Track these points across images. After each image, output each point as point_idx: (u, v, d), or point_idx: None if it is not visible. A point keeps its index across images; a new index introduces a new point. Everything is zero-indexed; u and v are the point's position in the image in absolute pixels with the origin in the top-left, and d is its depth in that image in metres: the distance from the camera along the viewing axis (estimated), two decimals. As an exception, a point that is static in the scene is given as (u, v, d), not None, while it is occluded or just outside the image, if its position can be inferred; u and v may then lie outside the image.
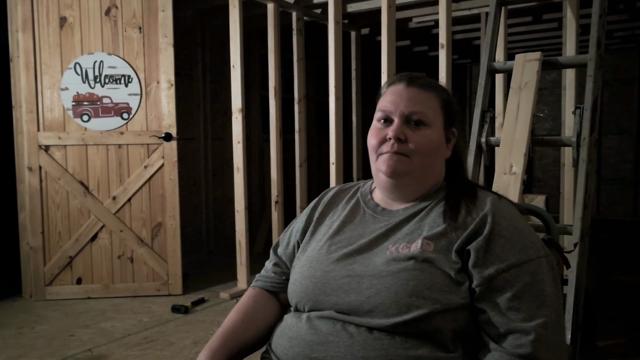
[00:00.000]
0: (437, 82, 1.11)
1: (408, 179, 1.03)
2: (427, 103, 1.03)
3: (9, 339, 2.68)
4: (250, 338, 1.08)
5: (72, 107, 3.27)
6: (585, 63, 1.97)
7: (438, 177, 1.07)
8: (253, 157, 5.01)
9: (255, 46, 4.93)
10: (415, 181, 1.04)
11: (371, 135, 1.05)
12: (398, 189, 1.05)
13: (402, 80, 1.06)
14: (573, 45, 3.13)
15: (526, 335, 0.87)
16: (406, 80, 1.05)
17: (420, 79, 1.06)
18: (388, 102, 1.04)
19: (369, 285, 0.94)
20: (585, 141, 1.88)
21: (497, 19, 2.22)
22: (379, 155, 1.03)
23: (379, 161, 1.03)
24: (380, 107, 1.05)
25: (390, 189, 1.05)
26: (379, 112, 1.05)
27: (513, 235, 0.94)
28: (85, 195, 3.29)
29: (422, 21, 4.53)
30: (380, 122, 1.05)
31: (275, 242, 1.22)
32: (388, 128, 1.02)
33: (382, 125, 1.04)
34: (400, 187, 1.04)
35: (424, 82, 1.06)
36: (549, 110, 6.98)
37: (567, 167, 3.34)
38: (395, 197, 1.06)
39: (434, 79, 1.13)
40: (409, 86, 1.04)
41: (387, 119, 1.04)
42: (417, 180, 1.04)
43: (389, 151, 1.01)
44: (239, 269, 3.47)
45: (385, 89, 1.08)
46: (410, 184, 1.04)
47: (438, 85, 1.09)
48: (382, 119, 1.04)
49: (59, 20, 3.24)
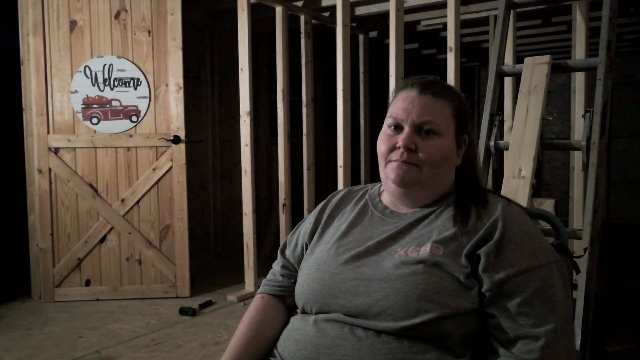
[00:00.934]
0: (451, 88, 1.08)
1: (417, 188, 1.02)
2: (440, 112, 1.01)
3: (18, 339, 2.70)
4: (260, 353, 1.07)
5: (82, 110, 3.30)
6: (595, 66, 1.95)
7: (447, 183, 1.07)
8: (261, 160, 5.02)
9: (263, 49, 4.94)
10: (424, 189, 1.03)
11: (381, 141, 1.04)
12: (407, 197, 1.04)
13: (415, 86, 1.03)
14: (583, 48, 3.11)
15: (536, 341, 0.86)
16: (419, 86, 1.03)
17: (433, 86, 1.03)
18: (399, 108, 1.02)
19: (378, 288, 0.93)
20: (595, 145, 1.86)
21: (506, 21, 2.21)
22: (388, 162, 1.02)
23: (388, 168, 1.02)
24: (391, 113, 1.03)
25: (399, 196, 1.05)
26: (389, 118, 1.03)
27: (524, 240, 0.93)
28: (94, 197, 3.30)
29: (431, 24, 4.52)
30: (391, 128, 1.03)
31: (282, 244, 1.21)
32: (398, 136, 1.01)
33: (392, 131, 1.03)
34: (409, 195, 1.04)
35: (437, 89, 1.03)
36: (558, 113, 6.94)
37: (576, 170, 3.32)
38: (404, 203, 1.06)
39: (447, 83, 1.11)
40: (422, 93, 1.02)
41: (398, 126, 1.02)
42: (427, 189, 1.03)
43: (398, 160, 1.00)
44: (247, 271, 3.47)
45: (397, 93, 1.06)
46: (420, 192, 1.03)
47: (451, 91, 1.06)
48: (393, 125, 1.03)
49: (69, 23, 3.27)
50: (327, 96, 5.63)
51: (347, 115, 3.40)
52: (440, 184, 1.04)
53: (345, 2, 3.34)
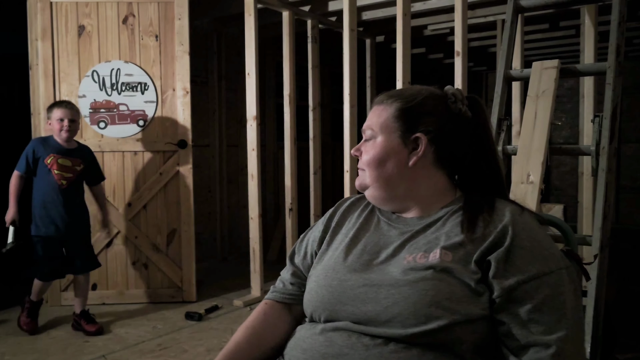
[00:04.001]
0: (403, 90, 1.09)
1: (380, 194, 1.05)
2: (377, 117, 1.06)
3: (25, 343, 2.70)
4: (255, 356, 1.06)
5: (89, 114, 3.31)
6: (604, 71, 1.94)
7: (429, 185, 1.04)
8: (268, 165, 5.02)
9: (270, 54, 4.95)
10: (387, 193, 1.05)
11: None
12: (389, 205, 1.08)
13: (374, 100, 1.11)
14: (591, 52, 3.09)
15: (546, 348, 0.85)
16: (375, 99, 1.10)
17: (383, 95, 1.09)
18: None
19: (387, 295, 0.92)
20: (604, 150, 1.85)
21: (513, 26, 2.20)
22: None
23: None
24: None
25: (383, 206, 1.09)
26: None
27: (533, 246, 0.92)
28: (101, 201, 3.31)
29: (438, 29, 4.51)
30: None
31: (291, 251, 1.20)
32: None
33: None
34: (386, 203, 1.07)
35: (381, 97, 1.08)
36: (567, 118, 6.90)
37: (585, 176, 3.29)
38: (401, 211, 1.07)
39: (408, 87, 1.14)
40: (373, 105, 1.09)
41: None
42: (390, 192, 1.04)
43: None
44: (253, 276, 3.46)
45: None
46: (385, 196, 1.05)
47: (400, 93, 1.07)
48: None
49: (78, 28, 3.29)
50: (334, 101, 5.63)
51: (354, 119, 3.40)
52: (405, 185, 1.03)
53: (352, 6, 3.34)
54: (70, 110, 2.85)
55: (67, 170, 2.85)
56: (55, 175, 2.82)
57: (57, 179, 2.83)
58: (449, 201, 1.04)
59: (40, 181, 2.84)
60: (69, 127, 2.82)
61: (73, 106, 2.91)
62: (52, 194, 2.82)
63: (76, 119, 2.88)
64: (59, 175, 2.83)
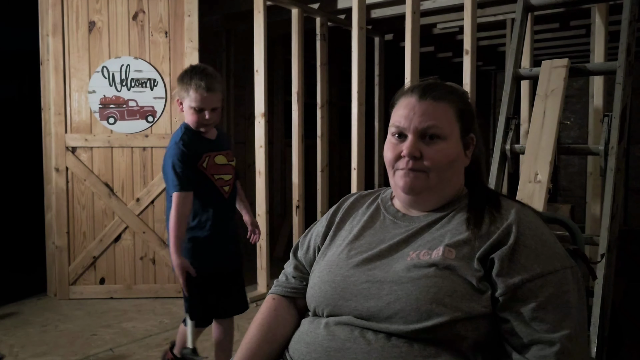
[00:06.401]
0: (452, 88, 1.06)
1: (427, 194, 1.02)
2: (442, 115, 1.00)
3: (34, 336, 2.73)
4: (272, 353, 1.06)
5: (99, 110, 3.34)
6: (614, 70, 1.93)
7: (457, 185, 1.06)
8: (275, 162, 5.03)
9: (279, 51, 4.96)
10: (434, 194, 1.03)
11: (387, 149, 1.04)
12: (417, 202, 1.04)
13: (415, 91, 1.02)
14: (601, 52, 3.07)
15: (551, 346, 0.85)
16: (419, 91, 1.02)
17: (433, 89, 1.02)
18: (401, 116, 1.01)
19: (389, 291, 0.93)
20: (613, 150, 1.84)
21: (523, 25, 2.19)
22: (396, 171, 1.03)
23: (396, 176, 1.03)
24: (393, 122, 1.03)
25: (409, 202, 1.05)
26: (392, 127, 1.03)
27: (538, 245, 0.92)
28: (110, 196, 3.34)
29: (447, 27, 4.49)
30: (395, 136, 1.03)
31: (294, 245, 1.21)
32: (402, 144, 1.00)
33: (396, 140, 1.02)
34: (419, 201, 1.04)
35: (437, 92, 1.01)
36: (576, 118, 6.86)
37: (593, 176, 3.27)
38: (415, 207, 1.06)
39: (448, 83, 1.08)
40: (422, 99, 1.00)
41: (401, 134, 1.02)
42: (437, 194, 1.03)
43: (405, 168, 1.00)
44: (259, 273, 3.48)
45: (398, 100, 1.05)
46: (429, 197, 1.03)
47: (453, 91, 1.05)
48: (396, 133, 1.02)
49: (88, 24, 3.31)
50: (342, 99, 5.62)
51: (362, 117, 3.40)
52: (450, 186, 1.04)
53: (361, 4, 3.34)
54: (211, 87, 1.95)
55: (225, 171, 2.06)
56: (215, 182, 1.98)
57: (219, 187, 2.00)
58: (456, 197, 1.05)
59: (200, 197, 1.95)
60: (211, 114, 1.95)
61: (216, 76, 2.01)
62: (219, 211, 2.01)
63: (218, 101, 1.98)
64: (220, 180, 2.01)
